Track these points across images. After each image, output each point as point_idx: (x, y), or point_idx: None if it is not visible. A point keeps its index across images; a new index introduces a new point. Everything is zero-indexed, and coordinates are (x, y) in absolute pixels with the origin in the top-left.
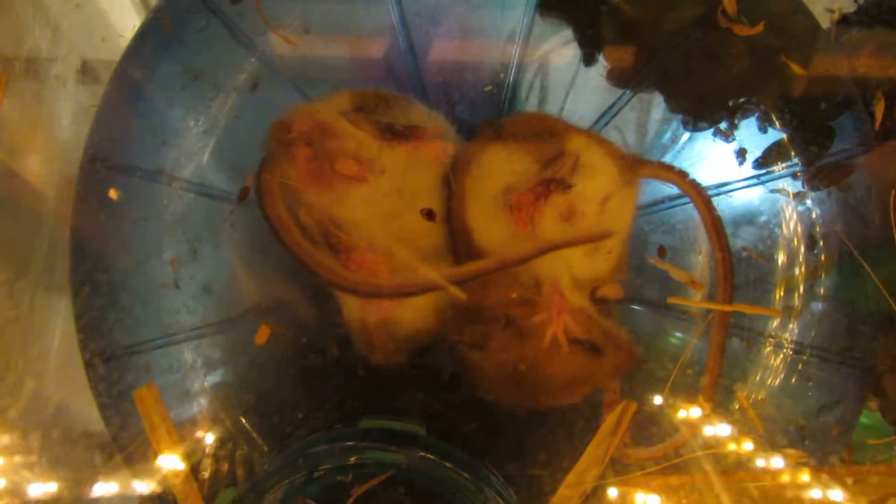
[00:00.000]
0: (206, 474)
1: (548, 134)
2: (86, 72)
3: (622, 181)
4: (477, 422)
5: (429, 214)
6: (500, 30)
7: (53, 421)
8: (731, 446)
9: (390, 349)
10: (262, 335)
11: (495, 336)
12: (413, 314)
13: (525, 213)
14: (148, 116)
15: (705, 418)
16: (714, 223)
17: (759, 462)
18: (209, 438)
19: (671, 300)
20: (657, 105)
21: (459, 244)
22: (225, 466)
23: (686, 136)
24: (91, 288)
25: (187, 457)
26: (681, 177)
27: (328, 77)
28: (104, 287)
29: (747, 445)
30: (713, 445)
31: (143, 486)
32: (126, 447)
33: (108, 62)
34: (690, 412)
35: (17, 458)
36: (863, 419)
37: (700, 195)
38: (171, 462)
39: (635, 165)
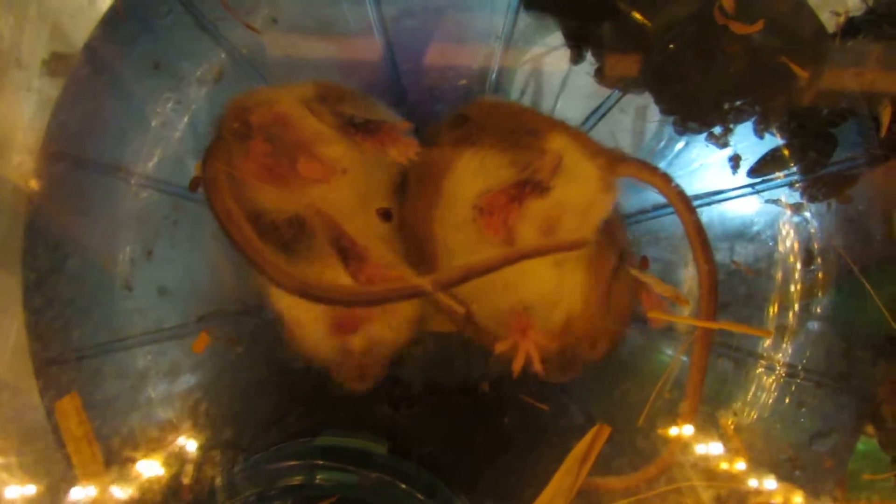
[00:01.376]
0: (154, 489)
1: (524, 130)
2: (52, 61)
3: (603, 185)
4: (441, 443)
5: (385, 215)
6: (484, 27)
7: (30, 422)
8: (714, 477)
9: (378, 373)
10: (201, 343)
11: None
12: (391, 332)
13: (497, 218)
14: (107, 108)
15: (684, 446)
16: (697, 232)
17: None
18: (160, 451)
19: (651, 315)
20: (652, 108)
21: (426, 253)
22: (173, 481)
23: (682, 143)
24: (40, 286)
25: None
26: (663, 179)
27: (298, 71)
28: (54, 286)
29: (731, 477)
30: (692, 477)
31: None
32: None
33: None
34: (669, 439)
35: None
36: (859, 446)
37: (683, 201)
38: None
39: (615, 163)
